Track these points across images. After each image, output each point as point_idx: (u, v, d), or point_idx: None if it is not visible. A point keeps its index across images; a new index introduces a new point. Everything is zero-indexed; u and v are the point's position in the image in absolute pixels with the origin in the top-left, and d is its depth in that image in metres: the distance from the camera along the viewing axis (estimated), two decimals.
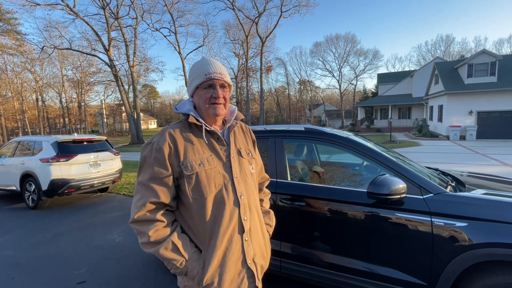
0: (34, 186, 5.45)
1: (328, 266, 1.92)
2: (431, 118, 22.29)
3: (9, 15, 28.70)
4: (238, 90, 39.58)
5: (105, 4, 21.69)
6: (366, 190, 1.74)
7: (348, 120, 44.88)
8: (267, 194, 1.37)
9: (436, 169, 2.61)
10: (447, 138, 17.30)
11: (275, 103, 53.74)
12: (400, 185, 1.63)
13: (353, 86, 48.29)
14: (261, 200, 1.31)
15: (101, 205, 5.66)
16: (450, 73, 19.34)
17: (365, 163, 2.79)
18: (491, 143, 14.59)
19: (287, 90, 52.64)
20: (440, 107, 19.28)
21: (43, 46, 22.68)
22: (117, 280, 2.72)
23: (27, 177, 5.57)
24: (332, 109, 52.98)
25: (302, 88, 51.38)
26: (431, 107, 22.36)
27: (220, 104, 1.05)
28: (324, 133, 2.18)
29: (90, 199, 6.15)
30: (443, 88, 18.05)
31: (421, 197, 1.70)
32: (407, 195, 1.68)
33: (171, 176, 0.99)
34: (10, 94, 33.49)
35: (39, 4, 19.93)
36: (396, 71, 48.14)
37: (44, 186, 5.28)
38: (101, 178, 5.92)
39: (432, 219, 1.61)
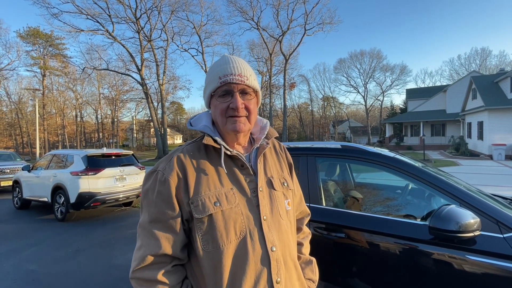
0: (63, 198, 5.60)
1: None
2: (469, 136, 20.55)
3: (58, 41, 32.20)
4: (261, 107, 40.03)
5: (140, 28, 23.47)
6: (426, 224, 1.41)
7: (375, 137, 43.04)
8: (307, 234, 1.03)
9: (494, 195, 2.17)
10: (490, 157, 15.71)
11: (298, 120, 53.34)
12: (471, 219, 1.28)
13: (380, 102, 46.60)
14: (300, 245, 0.97)
15: (124, 219, 5.65)
16: (490, 87, 17.92)
17: (410, 186, 2.43)
18: None
19: (310, 106, 52.21)
20: (480, 124, 17.74)
21: (84, 67, 24.88)
22: None
23: (57, 189, 5.76)
24: (357, 125, 51.33)
25: (325, 104, 50.66)
26: (469, 124, 20.68)
27: (241, 117, 0.77)
28: (365, 151, 1.89)
29: (115, 213, 6.19)
30: (482, 103, 16.69)
31: (501, 235, 1.33)
32: (481, 233, 1.33)
33: (179, 218, 0.74)
34: (54, 110, 36.81)
35: (83, 30, 22.09)
36: (426, 86, 45.99)
37: (72, 199, 5.41)
38: (126, 192, 5.97)
39: None
